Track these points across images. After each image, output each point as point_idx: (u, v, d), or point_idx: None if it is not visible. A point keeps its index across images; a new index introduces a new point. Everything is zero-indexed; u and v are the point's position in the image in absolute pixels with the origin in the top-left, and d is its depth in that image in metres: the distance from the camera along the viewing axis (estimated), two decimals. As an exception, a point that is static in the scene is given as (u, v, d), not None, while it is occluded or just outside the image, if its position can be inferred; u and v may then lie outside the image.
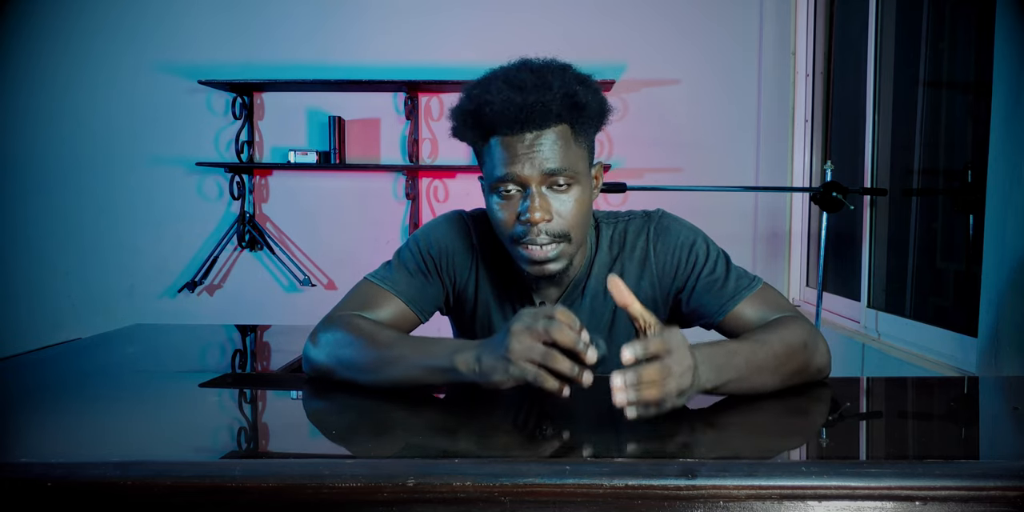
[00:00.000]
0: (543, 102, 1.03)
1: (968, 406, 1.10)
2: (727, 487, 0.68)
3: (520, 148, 1.05)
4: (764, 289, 1.14)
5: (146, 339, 1.59)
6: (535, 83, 1.05)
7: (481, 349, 0.92)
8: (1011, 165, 1.55)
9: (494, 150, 1.07)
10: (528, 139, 1.05)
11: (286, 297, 3.51)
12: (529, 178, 1.06)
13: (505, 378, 0.87)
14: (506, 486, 0.68)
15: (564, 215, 1.08)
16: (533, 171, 1.05)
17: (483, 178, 1.13)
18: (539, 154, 1.05)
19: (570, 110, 1.06)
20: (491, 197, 1.10)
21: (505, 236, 1.11)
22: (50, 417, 0.93)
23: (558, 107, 1.05)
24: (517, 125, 1.04)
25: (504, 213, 1.09)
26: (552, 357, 0.84)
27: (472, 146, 1.13)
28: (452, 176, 3.48)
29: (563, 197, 1.08)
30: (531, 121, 1.04)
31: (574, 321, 0.86)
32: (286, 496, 0.69)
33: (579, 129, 1.09)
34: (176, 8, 3.43)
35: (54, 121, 3.48)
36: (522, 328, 0.86)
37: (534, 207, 1.06)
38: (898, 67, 2.56)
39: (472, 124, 1.08)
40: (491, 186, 1.09)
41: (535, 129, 1.05)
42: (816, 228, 3.04)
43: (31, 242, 3.52)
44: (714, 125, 3.39)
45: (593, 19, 3.35)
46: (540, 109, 1.03)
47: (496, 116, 1.04)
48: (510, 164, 1.06)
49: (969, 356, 1.87)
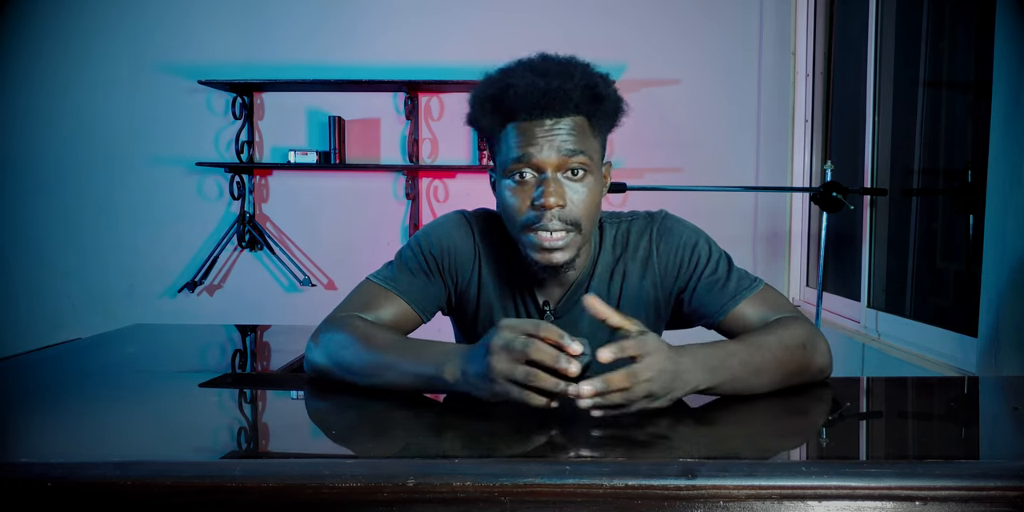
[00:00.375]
0: (565, 89, 1.05)
1: (968, 406, 1.10)
2: (727, 487, 0.68)
3: (539, 132, 1.06)
4: (765, 290, 1.15)
5: (146, 339, 1.59)
6: (558, 71, 1.06)
7: (465, 361, 0.90)
8: (1011, 165, 1.55)
9: (511, 135, 1.08)
10: (547, 124, 1.06)
11: (286, 297, 3.51)
12: (546, 162, 1.06)
13: (490, 396, 0.86)
14: (506, 486, 0.68)
15: (577, 203, 1.08)
16: (551, 154, 1.06)
17: (493, 169, 1.13)
18: (557, 138, 1.06)
19: (589, 101, 1.07)
20: (504, 181, 1.10)
21: (516, 222, 1.10)
22: (50, 417, 0.93)
23: (578, 96, 1.06)
24: (537, 110, 1.05)
25: (517, 198, 1.09)
26: (535, 377, 0.82)
27: (487, 134, 1.13)
28: (452, 176, 3.48)
29: (577, 186, 1.08)
30: (551, 107, 1.05)
31: (560, 336, 0.83)
32: (286, 496, 0.69)
33: (596, 122, 1.10)
34: (176, 8, 3.43)
35: (54, 121, 3.48)
36: (500, 347, 0.84)
37: (549, 192, 1.06)
38: (898, 67, 2.56)
39: (492, 109, 1.08)
40: (505, 170, 1.09)
41: (555, 116, 1.06)
42: (816, 228, 3.04)
43: (31, 242, 3.53)
44: (714, 125, 3.39)
45: (593, 19, 3.35)
46: (562, 96, 1.04)
47: (518, 100, 1.05)
48: (528, 146, 1.06)
49: (969, 356, 1.87)
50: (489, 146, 1.15)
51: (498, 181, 1.12)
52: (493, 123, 1.10)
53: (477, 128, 1.14)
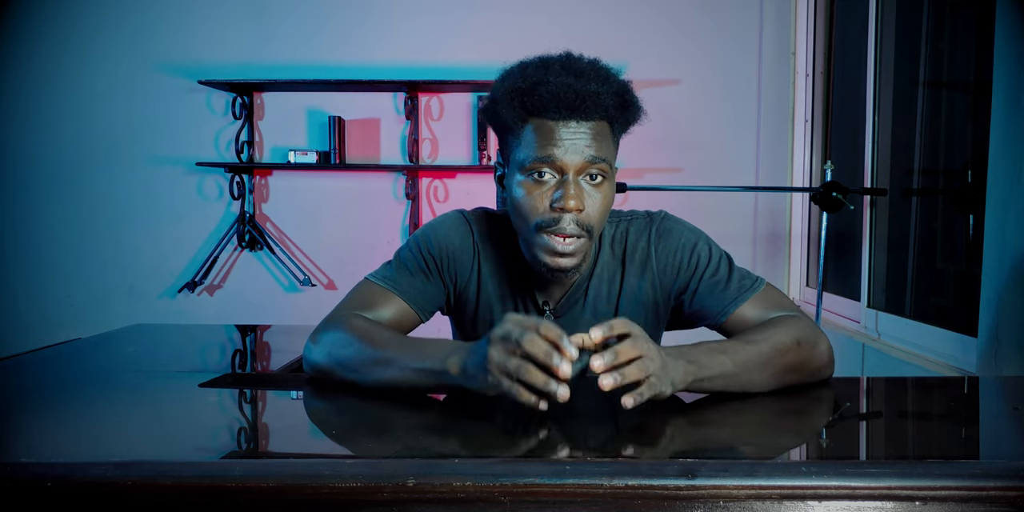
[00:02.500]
0: (600, 93, 1.04)
1: (968, 406, 1.10)
2: (727, 487, 0.68)
3: (565, 133, 1.05)
4: (767, 290, 1.14)
5: (146, 339, 1.59)
6: (593, 74, 1.06)
7: (468, 353, 0.90)
8: (1011, 165, 1.55)
9: (533, 132, 1.06)
10: (572, 126, 1.05)
11: (286, 297, 3.51)
12: (569, 164, 1.05)
13: (486, 387, 0.86)
14: (506, 486, 0.68)
15: (593, 208, 1.07)
16: (575, 157, 1.05)
17: (506, 165, 1.12)
18: (581, 141, 1.05)
19: (617, 108, 1.07)
20: (520, 179, 1.08)
21: (529, 223, 1.08)
22: (50, 417, 0.93)
23: (609, 101, 1.05)
24: (567, 111, 1.03)
25: (533, 198, 1.07)
26: (526, 370, 0.82)
27: (503, 127, 1.11)
28: (452, 176, 3.48)
29: (595, 191, 1.07)
30: (582, 109, 1.04)
31: (559, 336, 0.82)
32: (286, 496, 0.69)
33: (616, 128, 1.10)
34: (176, 8, 3.43)
35: (54, 121, 3.48)
36: (499, 337, 0.85)
37: (570, 195, 1.04)
38: (898, 67, 2.56)
39: (518, 103, 1.06)
40: (523, 168, 1.07)
41: (582, 119, 1.05)
42: (816, 228, 3.04)
43: (31, 242, 3.52)
44: (714, 125, 3.39)
45: (593, 19, 3.35)
46: (595, 99, 1.04)
47: (550, 97, 1.03)
48: (552, 147, 1.04)
49: (969, 356, 1.87)
50: (501, 140, 1.13)
51: (510, 177, 1.11)
52: (515, 117, 1.07)
53: (493, 121, 1.12)
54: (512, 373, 0.83)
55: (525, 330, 0.83)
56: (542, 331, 0.83)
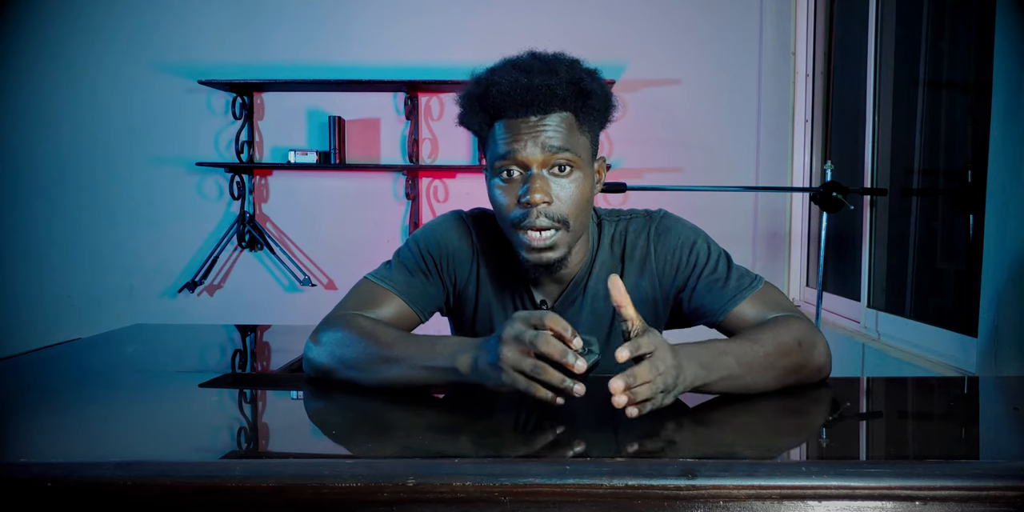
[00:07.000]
0: (549, 85, 1.05)
1: (968, 406, 1.10)
2: (727, 487, 0.68)
3: (524, 128, 1.06)
4: (766, 288, 1.14)
5: (146, 339, 1.59)
6: (542, 68, 1.07)
7: (478, 351, 0.91)
8: (1011, 165, 1.55)
9: (498, 132, 1.08)
10: (532, 121, 1.06)
11: (286, 297, 3.51)
12: (531, 158, 1.06)
13: (500, 385, 0.87)
14: (506, 486, 0.68)
15: (564, 199, 1.08)
16: (535, 150, 1.06)
17: (486, 167, 1.14)
18: (542, 134, 1.06)
19: (575, 97, 1.08)
20: (493, 180, 1.11)
21: (506, 221, 1.11)
22: (50, 417, 0.93)
23: (563, 92, 1.06)
24: (522, 107, 1.05)
25: (505, 196, 1.09)
26: (541, 369, 0.83)
27: (477, 133, 1.14)
28: (452, 176, 3.48)
29: (563, 181, 1.08)
30: (535, 104, 1.05)
31: (565, 328, 0.84)
32: (286, 496, 0.69)
33: (583, 118, 1.10)
34: (176, 8, 3.43)
35: (54, 121, 3.48)
36: (511, 337, 0.86)
37: (534, 188, 1.06)
38: (898, 67, 2.56)
39: (479, 108, 1.09)
40: (494, 168, 1.10)
41: (539, 113, 1.06)
42: (816, 228, 3.04)
43: (31, 242, 3.52)
44: (714, 125, 3.39)
45: (593, 19, 3.35)
46: (545, 92, 1.05)
47: (502, 97, 1.05)
48: (513, 143, 1.07)
49: (969, 356, 1.87)
50: (480, 145, 1.16)
51: (488, 179, 1.13)
52: (481, 122, 1.11)
53: (467, 127, 1.15)
54: (527, 372, 0.84)
55: (537, 330, 0.84)
56: (548, 323, 0.84)
